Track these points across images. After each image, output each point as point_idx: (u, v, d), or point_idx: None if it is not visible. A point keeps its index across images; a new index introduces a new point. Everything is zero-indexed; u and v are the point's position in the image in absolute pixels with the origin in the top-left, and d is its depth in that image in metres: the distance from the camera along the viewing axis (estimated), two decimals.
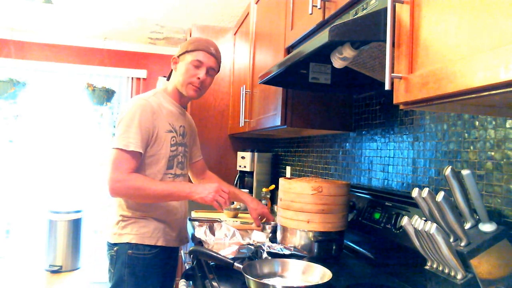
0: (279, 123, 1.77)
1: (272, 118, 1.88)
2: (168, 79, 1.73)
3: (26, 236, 4.36)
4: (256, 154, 2.83)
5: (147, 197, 1.48)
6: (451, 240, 0.92)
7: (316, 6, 1.32)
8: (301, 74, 1.59)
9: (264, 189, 2.52)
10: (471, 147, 1.13)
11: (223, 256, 1.23)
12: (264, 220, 1.83)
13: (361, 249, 1.53)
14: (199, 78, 1.59)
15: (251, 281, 1.03)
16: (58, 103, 4.41)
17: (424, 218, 0.95)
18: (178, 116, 1.65)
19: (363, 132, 1.75)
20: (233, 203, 2.17)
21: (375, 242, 1.45)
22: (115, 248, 1.54)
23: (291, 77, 1.62)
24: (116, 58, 4.53)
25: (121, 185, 1.43)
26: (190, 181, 1.95)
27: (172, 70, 1.67)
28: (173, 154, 1.59)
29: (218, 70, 1.69)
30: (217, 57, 1.64)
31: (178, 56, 1.62)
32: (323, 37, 0.97)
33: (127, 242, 1.52)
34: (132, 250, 1.51)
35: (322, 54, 1.32)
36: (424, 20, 0.77)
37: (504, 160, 1.02)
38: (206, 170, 1.97)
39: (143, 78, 4.57)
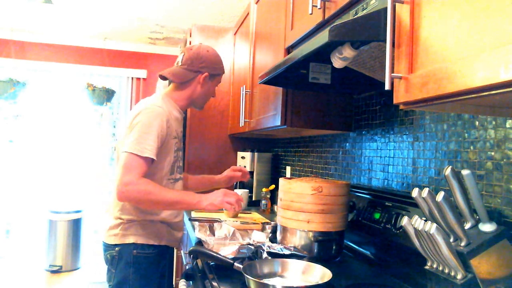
0: (279, 123, 1.77)
1: (272, 118, 1.88)
2: (180, 83, 1.67)
3: (26, 236, 4.36)
4: (256, 154, 2.82)
5: (156, 203, 1.46)
6: (451, 240, 0.92)
7: (316, 6, 1.32)
8: (301, 74, 1.59)
9: (264, 189, 2.52)
10: (471, 147, 1.13)
11: (223, 256, 1.23)
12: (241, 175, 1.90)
13: (361, 249, 1.53)
14: (214, 96, 1.77)
15: (251, 281, 1.03)
16: (58, 103, 4.41)
17: (424, 218, 0.95)
18: (180, 121, 1.69)
19: (363, 132, 1.75)
20: None
21: (375, 242, 1.45)
22: (116, 249, 1.54)
23: (291, 77, 1.62)
24: (116, 58, 4.53)
25: (131, 189, 1.40)
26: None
27: (189, 78, 1.64)
28: (175, 160, 1.61)
29: None
30: None
31: (211, 75, 1.67)
32: (323, 37, 0.97)
33: (133, 243, 1.53)
34: (137, 250, 1.53)
35: (322, 54, 1.32)
36: (424, 20, 0.77)
37: (504, 160, 1.02)
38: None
39: (143, 78, 4.57)
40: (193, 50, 1.65)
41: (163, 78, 1.67)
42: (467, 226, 0.93)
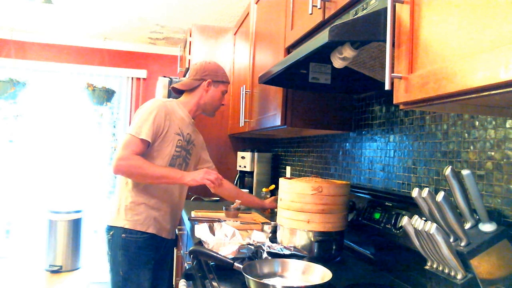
0: (279, 123, 1.77)
1: (272, 118, 1.88)
2: (189, 91, 1.93)
3: (26, 236, 4.36)
4: (256, 154, 2.83)
5: (144, 176, 1.67)
6: (451, 240, 0.92)
7: (316, 6, 1.32)
8: (301, 74, 1.59)
9: (264, 189, 2.53)
10: (471, 147, 1.13)
11: (223, 256, 1.23)
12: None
13: (361, 249, 1.53)
14: (223, 104, 2.01)
15: (251, 281, 1.03)
16: (58, 103, 4.40)
17: (424, 218, 0.95)
18: (187, 125, 1.89)
19: (363, 132, 1.75)
20: (233, 203, 2.16)
21: (375, 242, 1.45)
22: (111, 232, 1.75)
23: (291, 77, 1.62)
24: (116, 58, 4.53)
25: (124, 163, 1.63)
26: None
27: (195, 85, 1.90)
28: (177, 155, 1.81)
29: None
30: None
31: (214, 81, 1.91)
32: (323, 37, 0.97)
33: (122, 227, 1.73)
34: (126, 234, 1.72)
35: (322, 54, 1.32)
36: (424, 20, 0.77)
37: (504, 160, 1.02)
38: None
39: (143, 78, 4.57)
40: (197, 65, 1.96)
41: (176, 90, 1.94)
42: (467, 226, 0.93)
